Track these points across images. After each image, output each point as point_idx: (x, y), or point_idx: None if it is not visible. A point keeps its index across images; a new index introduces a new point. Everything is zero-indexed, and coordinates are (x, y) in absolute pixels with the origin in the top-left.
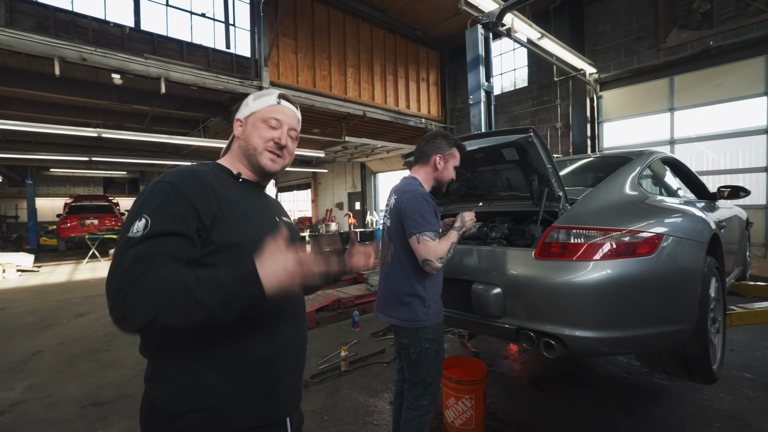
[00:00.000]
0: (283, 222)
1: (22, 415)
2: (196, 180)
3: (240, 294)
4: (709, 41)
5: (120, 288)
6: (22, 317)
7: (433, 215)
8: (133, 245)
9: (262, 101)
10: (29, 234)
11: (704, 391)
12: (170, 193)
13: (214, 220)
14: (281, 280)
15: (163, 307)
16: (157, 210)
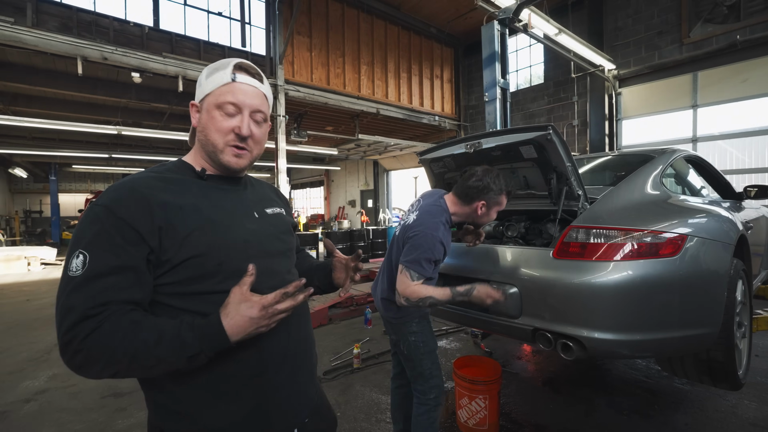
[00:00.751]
0: (265, 215)
1: (47, 404)
2: (134, 197)
3: (206, 348)
4: (736, 35)
5: (71, 342)
6: (45, 309)
7: (432, 259)
8: (75, 288)
9: (214, 78)
10: (52, 228)
11: (727, 398)
12: (105, 220)
13: (162, 238)
14: (247, 329)
15: (123, 366)
16: (94, 242)
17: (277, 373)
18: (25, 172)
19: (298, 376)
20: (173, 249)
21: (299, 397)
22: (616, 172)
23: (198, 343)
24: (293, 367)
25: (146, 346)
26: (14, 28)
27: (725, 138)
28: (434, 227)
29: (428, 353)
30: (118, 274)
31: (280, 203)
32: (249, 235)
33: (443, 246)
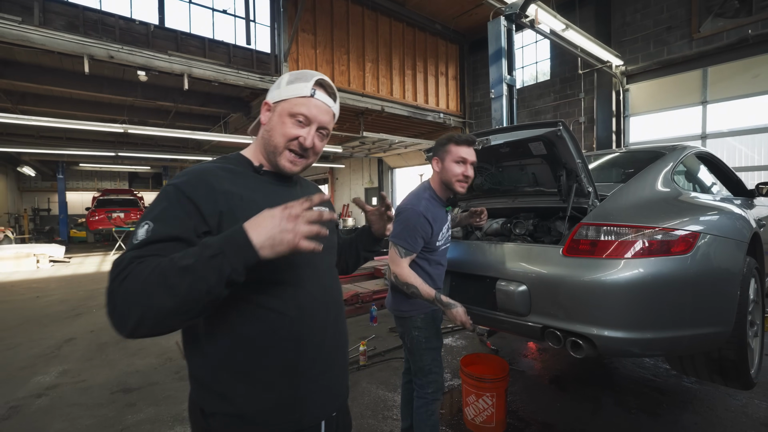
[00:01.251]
0: None
1: (58, 398)
2: (202, 181)
3: (228, 251)
4: (748, 30)
5: (113, 291)
6: (55, 305)
7: (419, 234)
8: (131, 249)
9: (295, 88)
10: (60, 226)
11: (737, 397)
12: (174, 197)
13: (221, 221)
14: (270, 230)
15: (151, 294)
16: (160, 215)
17: (311, 367)
18: (34, 171)
19: (331, 371)
20: None
21: (330, 391)
22: (625, 170)
23: (218, 243)
24: (327, 362)
25: (172, 261)
26: (22, 27)
27: (735, 135)
28: (416, 203)
29: (430, 349)
30: (172, 242)
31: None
32: None
33: (427, 220)
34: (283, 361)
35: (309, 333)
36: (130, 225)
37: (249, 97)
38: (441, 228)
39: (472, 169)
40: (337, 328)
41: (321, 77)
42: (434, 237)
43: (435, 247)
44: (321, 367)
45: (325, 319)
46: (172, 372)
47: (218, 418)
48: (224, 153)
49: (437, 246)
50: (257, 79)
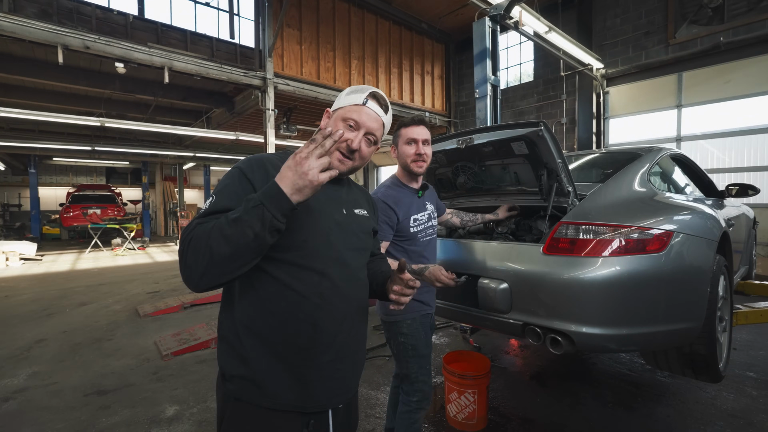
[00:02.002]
0: (352, 213)
1: (27, 402)
2: (260, 165)
3: (266, 201)
4: (720, 37)
5: (184, 251)
6: (25, 305)
7: (381, 220)
8: (197, 217)
9: (351, 98)
10: (32, 223)
11: (707, 390)
12: (235, 176)
13: None
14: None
15: (213, 245)
16: (223, 190)
17: (323, 354)
18: (3, 165)
19: (342, 364)
20: None
21: (338, 383)
22: (604, 170)
23: (258, 196)
24: (338, 354)
25: (227, 217)
26: None
27: (707, 138)
28: (376, 192)
29: (416, 357)
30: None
31: (368, 208)
32: (333, 225)
33: (387, 205)
34: (298, 341)
35: (326, 321)
36: (107, 222)
37: (232, 92)
38: (410, 212)
39: (428, 148)
40: (355, 325)
41: (375, 90)
42: (404, 223)
43: (411, 235)
44: (332, 356)
45: (344, 313)
46: (149, 373)
47: (236, 382)
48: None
49: (413, 234)
50: (241, 74)
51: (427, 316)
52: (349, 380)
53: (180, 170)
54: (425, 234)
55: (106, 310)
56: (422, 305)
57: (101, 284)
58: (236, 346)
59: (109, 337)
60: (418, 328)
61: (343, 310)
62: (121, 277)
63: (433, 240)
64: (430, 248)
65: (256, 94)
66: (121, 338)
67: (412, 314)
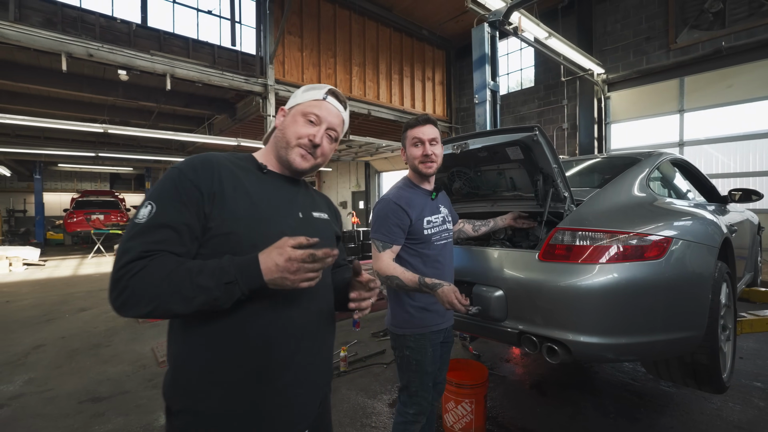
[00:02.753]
0: (310, 217)
1: (21, 409)
2: (206, 166)
3: (240, 279)
4: (721, 41)
5: (120, 279)
6: (25, 310)
7: (392, 222)
8: (137, 233)
9: (309, 94)
10: (36, 228)
11: (712, 400)
12: (177, 179)
13: (213, 205)
14: (273, 274)
15: (164, 299)
16: (163, 197)
17: (278, 377)
18: (9, 171)
19: (301, 389)
20: (218, 219)
21: (299, 408)
22: (603, 175)
23: (235, 271)
24: (297, 376)
25: (189, 274)
26: None
27: (711, 143)
28: (388, 194)
29: (420, 373)
30: (176, 229)
31: (328, 212)
32: (287, 229)
33: (399, 206)
34: (249, 364)
35: (281, 340)
36: (110, 227)
37: (234, 99)
38: (423, 214)
39: (437, 147)
40: (317, 342)
41: (333, 88)
42: (417, 224)
43: (425, 238)
44: (289, 380)
45: (302, 329)
46: (145, 380)
47: (181, 418)
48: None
49: (427, 236)
50: (242, 80)
51: (438, 332)
52: (309, 406)
53: None
54: (440, 237)
55: (105, 316)
56: (433, 318)
57: (102, 290)
58: (182, 375)
59: (106, 343)
60: (425, 344)
61: (301, 326)
62: None
63: (448, 244)
64: (445, 253)
65: (258, 101)
66: (119, 344)
67: (420, 329)
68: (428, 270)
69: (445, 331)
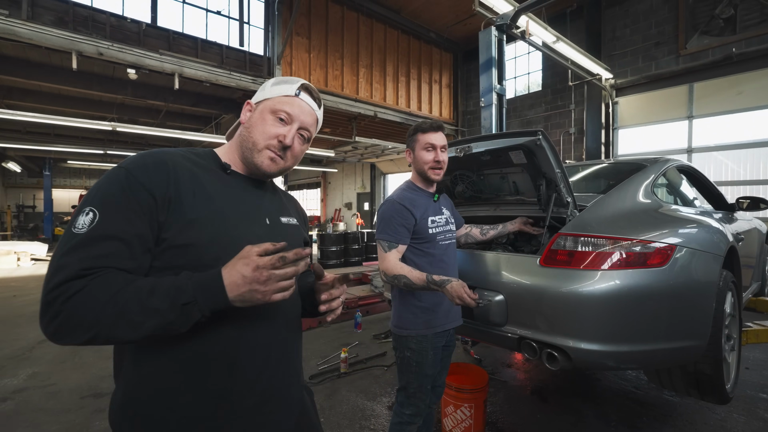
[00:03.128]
0: (278, 223)
1: (23, 403)
2: (159, 166)
3: (200, 298)
4: (732, 48)
5: (52, 303)
6: (31, 305)
7: (397, 222)
8: (75, 246)
9: (279, 89)
10: (45, 224)
11: (716, 411)
12: (125, 182)
13: (169, 213)
14: (240, 288)
15: (107, 324)
16: (107, 203)
17: (244, 398)
18: (19, 167)
19: (269, 405)
20: (175, 229)
21: (269, 428)
22: (608, 181)
23: (193, 289)
24: (264, 395)
25: (138, 295)
26: (8, 20)
27: (721, 149)
28: (392, 195)
29: (419, 374)
30: (124, 240)
31: (296, 216)
32: (254, 238)
33: (403, 206)
34: (210, 387)
35: (246, 359)
36: None
37: (241, 99)
38: (427, 214)
39: (445, 154)
40: (285, 354)
41: (306, 82)
42: (422, 224)
43: (429, 237)
44: (256, 399)
45: (269, 344)
46: None
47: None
48: None
49: (432, 235)
50: (249, 80)
51: (441, 334)
52: (283, 425)
53: None
54: (444, 237)
55: None
56: (437, 320)
57: None
58: (132, 400)
59: None
60: (427, 346)
61: (267, 342)
62: None
63: (452, 245)
64: (449, 253)
65: None
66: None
67: (424, 330)
68: (434, 270)
69: (448, 333)
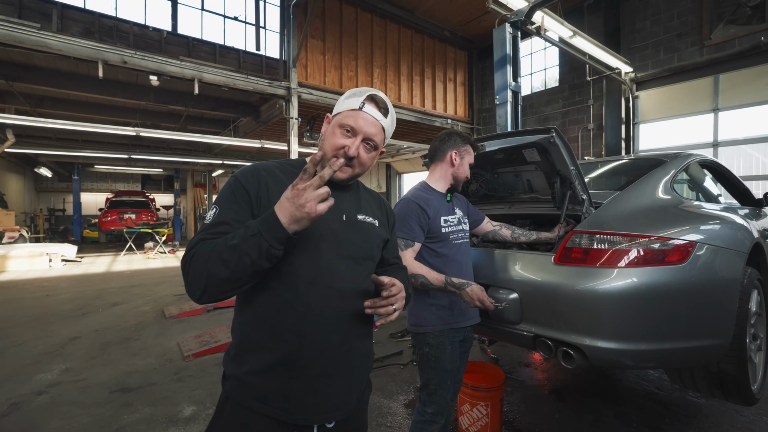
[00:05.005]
0: (354, 220)
1: (58, 396)
2: (253, 172)
3: (264, 231)
4: (760, 37)
5: (184, 266)
6: (63, 304)
7: (413, 221)
8: (203, 229)
9: (348, 102)
10: (74, 226)
11: (744, 413)
12: (233, 186)
13: (260, 207)
14: (288, 210)
15: (210, 268)
16: (223, 201)
17: (309, 367)
18: (50, 172)
19: (331, 380)
20: None
21: (326, 399)
22: (626, 177)
23: (257, 224)
24: (327, 369)
25: (225, 242)
26: (40, 33)
27: (750, 143)
28: (407, 195)
29: (438, 370)
30: (231, 224)
31: (379, 215)
32: (327, 232)
33: (418, 204)
34: (284, 350)
35: (312, 333)
36: (141, 226)
37: (258, 102)
38: (440, 213)
39: None
40: (348, 340)
41: (374, 93)
42: (435, 222)
43: (443, 236)
44: (319, 371)
45: (334, 326)
46: (171, 373)
47: (231, 382)
48: (234, 156)
49: (445, 234)
50: (266, 84)
51: (458, 330)
52: (341, 399)
53: (209, 177)
54: (457, 237)
55: (135, 311)
56: (453, 316)
57: (133, 286)
58: (236, 348)
59: (136, 337)
60: (444, 341)
61: (333, 323)
62: (152, 279)
63: (464, 244)
64: (462, 252)
65: (281, 104)
66: (147, 338)
67: (440, 326)
68: (449, 269)
69: (466, 330)
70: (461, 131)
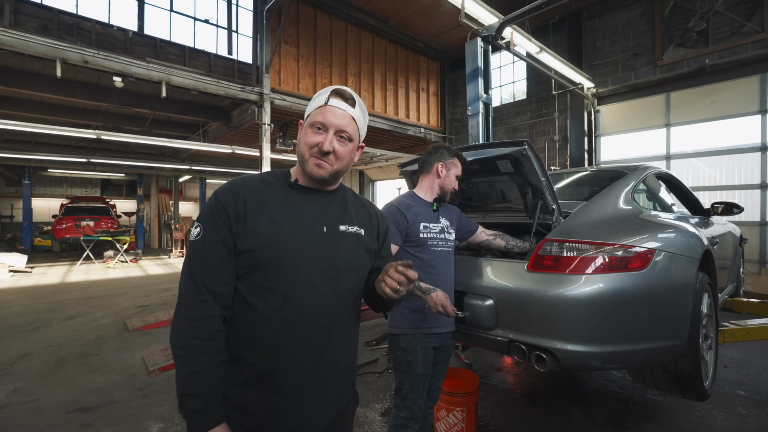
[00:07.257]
0: (336, 231)
1: (6, 420)
2: (233, 190)
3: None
4: (705, 59)
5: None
6: (11, 318)
7: (391, 224)
8: (192, 248)
9: (315, 102)
10: (24, 234)
11: (697, 408)
12: (214, 204)
13: (238, 225)
14: None
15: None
16: (205, 219)
17: (285, 382)
18: None
19: (307, 396)
20: (241, 237)
21: (302, 415)
22: (591, 187)
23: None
24: (303, 385)
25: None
26: None
27: (697, 156)
28: (393, 200)
29: (411, 374)
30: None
31: (366, 223)
32: (305, 245)
33: (399, 210)
34: (262, 365)
35: (288, 348)
36: (100, 234)
37: (229, 107)
38: (420, 219)
39: None
40: (325, 355)
41: (338, 87)
42: (413, 228)
43: (421, 241)
44: (295, 387)
45: (309, 341)
46: (135, 389)
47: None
48: (203, 162)
49: (423, 239)
50: (238, 89)
51: (431, 336)
52: (317, 415)
53: (176, 183)
54: (437, 244)
55: (94, 324)
56: (426, 321)
57: (91, 297)
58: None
59: (95, 352)
60: (416, 345)
61: (308, 339)
62: (112, 290)
63: (445, 252)
64: (441, 259)
65: (253, 109)
66: (108, 353)
67: (412, 330)
68: (423, 274)
69: (441, 337)
70: (449, 145)
